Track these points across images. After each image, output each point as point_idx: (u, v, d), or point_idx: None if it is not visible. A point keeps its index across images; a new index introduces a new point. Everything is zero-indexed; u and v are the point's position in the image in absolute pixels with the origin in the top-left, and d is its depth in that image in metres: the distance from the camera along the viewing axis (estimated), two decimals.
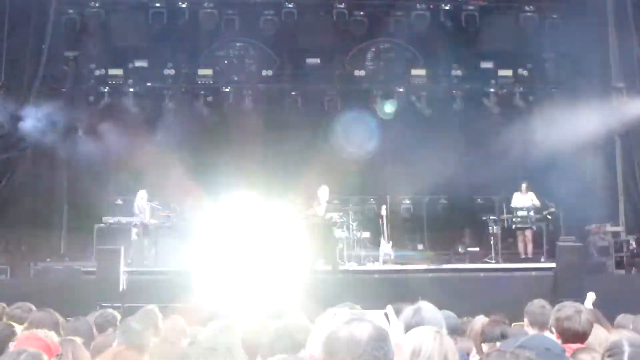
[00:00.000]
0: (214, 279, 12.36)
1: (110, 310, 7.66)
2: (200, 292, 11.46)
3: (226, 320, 6.61)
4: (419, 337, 3.10)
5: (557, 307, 5.08)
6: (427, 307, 4.12)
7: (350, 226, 16.92)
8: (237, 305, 9.38)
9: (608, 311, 7.00)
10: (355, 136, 19.12)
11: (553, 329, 4.92)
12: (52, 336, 5.01)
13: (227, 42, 19.66)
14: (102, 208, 17.55)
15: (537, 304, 5.66)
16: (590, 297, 7.29)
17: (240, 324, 5.52)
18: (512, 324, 6.17)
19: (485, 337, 5.46)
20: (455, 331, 5.04)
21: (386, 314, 2.87)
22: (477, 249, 18.43)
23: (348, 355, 2.47)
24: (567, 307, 4.95)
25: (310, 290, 12.61)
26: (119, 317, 7.02)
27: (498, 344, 5.20)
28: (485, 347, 5.36)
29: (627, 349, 3.77)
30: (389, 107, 19.27)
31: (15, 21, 16.54)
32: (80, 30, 18.26)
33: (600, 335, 4.91)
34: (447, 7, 18.58)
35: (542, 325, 5.40)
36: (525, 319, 5.71)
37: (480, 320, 6.24)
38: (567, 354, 4.26)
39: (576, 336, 4.80)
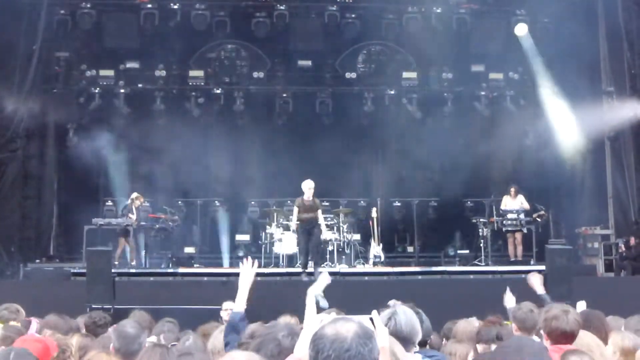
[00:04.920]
0: None
1: (100, 312, 7.64)
2: None
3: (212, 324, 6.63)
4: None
5: (545, 308, 5.12)
6: (402, 312, 4.15)
7: (341, 228, 16.93)
8: None
9: None
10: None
11: (541, 331, 4.95)
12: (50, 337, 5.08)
13: (219, 43, 19.64)
14: (92, 210, 17.51)
15: (525, 309, 5.68)
16: (581, 306, 7.25)
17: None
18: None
19: (480, 338, 5.49)
20: (428, 334, 5.07)
21: (371, 319, 2.88)
22: (467, 251, 18.49)
23: (334, 352, 2.50)
24: (555, 308, 4.99)
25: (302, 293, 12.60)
26: (109, 319, 7.00)
27: (493, 345, 5.20)
28: (480, 347, 5.39)
29: None
30: None
31: (6, 22, 16.47)
32: (72, 31, 18.20)
33: (588, 342, 4.89)
34: (438, 10, 18.55)
35: (530, 329, 5.43)
36: (514, 324, 5.72)
37: (467, 323, 6.24)
38: (557, 355, 4.26)
39: (564, 336, 4.81)
